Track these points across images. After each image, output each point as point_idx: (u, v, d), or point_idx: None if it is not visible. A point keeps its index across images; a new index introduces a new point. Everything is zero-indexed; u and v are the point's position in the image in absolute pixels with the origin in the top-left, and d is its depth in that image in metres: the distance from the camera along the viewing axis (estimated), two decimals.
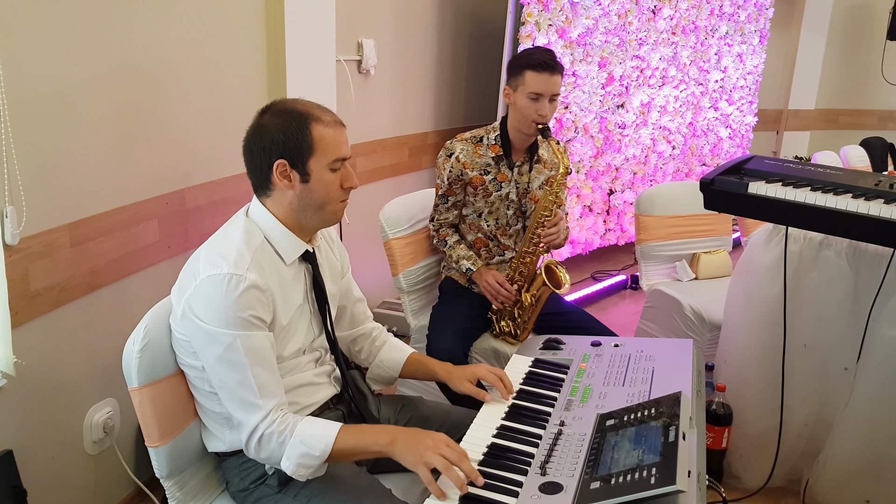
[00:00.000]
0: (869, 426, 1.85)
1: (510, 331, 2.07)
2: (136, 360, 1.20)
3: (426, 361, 1.51)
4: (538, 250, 2.02)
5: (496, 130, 2.07)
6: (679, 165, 4.20)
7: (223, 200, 2.11)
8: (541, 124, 1.95)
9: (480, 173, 2.05)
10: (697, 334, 2.43)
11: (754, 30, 4.41)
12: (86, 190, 1.65)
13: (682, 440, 1.04)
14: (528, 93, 1.94)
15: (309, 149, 1.22)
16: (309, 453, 1.16)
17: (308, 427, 1.18)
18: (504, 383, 1.37)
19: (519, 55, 2.01)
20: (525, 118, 1.97)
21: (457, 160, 2.04)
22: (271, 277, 1.22)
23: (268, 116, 1.24)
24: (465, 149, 2.05)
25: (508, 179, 2.06)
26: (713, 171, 1.73)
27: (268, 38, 2.24)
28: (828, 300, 1.90)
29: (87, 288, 1.68)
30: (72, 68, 1.57)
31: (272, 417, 1.18)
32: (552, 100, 1.96)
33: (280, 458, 1.17)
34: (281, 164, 1.22)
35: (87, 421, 1.72)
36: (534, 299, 2.02)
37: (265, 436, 1.17)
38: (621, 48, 3.49)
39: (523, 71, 1.94)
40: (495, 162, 2.06)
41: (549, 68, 1.92)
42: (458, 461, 1.10)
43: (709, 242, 2.77)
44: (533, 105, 1.94)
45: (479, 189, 2.06)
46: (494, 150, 2.05)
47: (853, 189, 1.57)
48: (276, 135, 1.21)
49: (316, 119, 1.22)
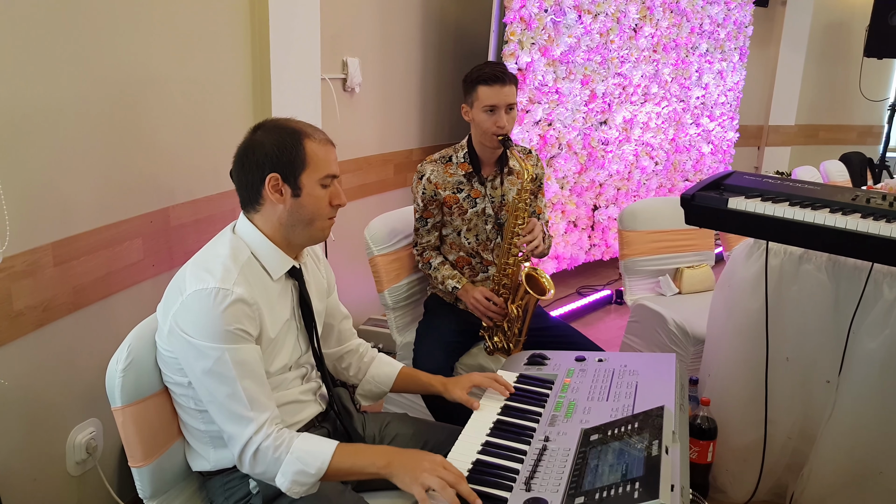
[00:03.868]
0: (852, 438, 1.87)
1: (503, 346, 2.07)
2: (119, 380, 1.19)
3: (418, 375, 1.54)
4: (518, 260, 2.02)
5: (464, 148, 2.10)
6: (662, 181, 4.26)
7: (208, 218, 2.11)
8: (500, 135, 1.97)
9: (453, 192, 2.07)
10: (681, 348, 2.45)
11: (734, 47, 4.50)
12: (70, 208, 1.64)
13: (665, 454, 1.05)
14: (482, 107, 1.97)
15: (301, 164, 1.24)
16: (305, 470, 1.16)
17: (305, 444, 1.19)
18: (500, 383, 1.42)
19: (469, 72, 2.03)
20: (485, 132, 1.99)
21: (428, 181, 2.06)
22: (258, 292, 1.22)
23: (260, 133, 1.26)
24: (434, 170, 2.07)
25: (482, 195, 2.08)
26: (694, 187, 1.76)
27: (253, 56, 2.25)
28: (809, 313, 1.92)
29: (70, 307, 1.67)
30: (55, 86, 1.58)
31: (267, 431, 1.17)
32: (508, 110, 1.98)
33: (275, 473, 1.17)
34: (273, 178, 1.23)
35: (70, 441, 1.70)
36: (520, 309, 2.03)
37: (261, 450, 1.17)
38: (603, 66, 3.55)
39: (476, 86, 1.98)
40: (467, 179, 2.08)
41: (500, 80, 1.95)
42: (455, 483, 1.10)
43: (692, 257, 2.81)
44: (490, 118, 1.97)
45: (454, 207, 2.08)
46: (464, 167, 2.08)
47: (830, 204, 1.60)
48: (270, 149, 1.23)
49: (308, 136, 1.25)
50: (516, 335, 2.05)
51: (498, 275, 2.05)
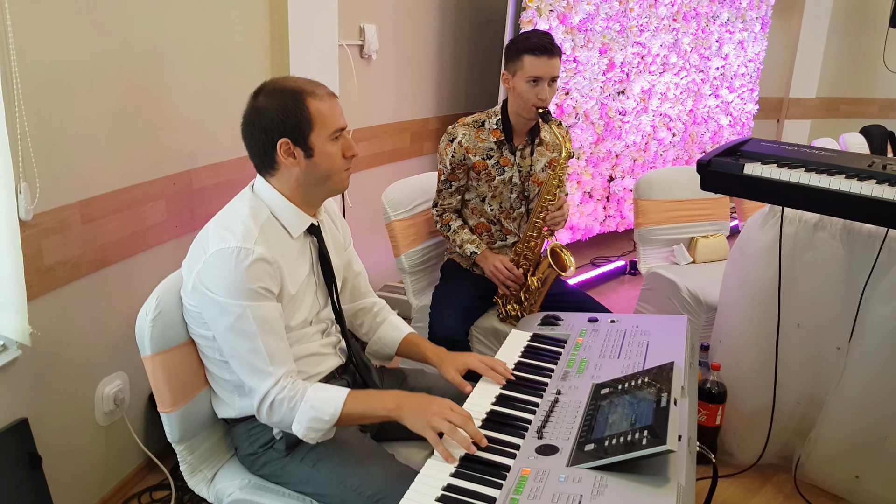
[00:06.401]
0: (860, 404, 1.89)
1: (516, 314, 2.10)
2: (148, 329, 1.24)
3: (420, 344, 1.51)
4: (542, 234, 2.04)
5: (497, 115, 2.08)
6: (679, 153, 4.23)
7: (228, 182, 2.15)
8: (541, 108, 1.97)
9: (483, 158, 2.06)
10: (694, 315, 2.47)
11: (756, 17, 4.42)
12: (96, 169, 1.69)
13: (674, 405, 1.09)
14: (526, 77, 1.94)
15: (308, 124, 1.24)
16: (319, 417, 1.21)
17: (317, 393, 1.23)
18: (496, 369, 1.37)
19: (515, 39, 2.00)
20: (525, 102, 1.98)
21: (459, 145, 2.05)
22: (278, 250, 1.26)
23: (262, 98, 1.26)
24: (467, 133, 2.06)
25: (511, 163, 2.08)
26: (710, 153, 1.77)
27: (271, 22, 2.27)
28: (821, 281, 1.94)
29: (97, 264, 1.73)
30: (82, 50, 1.61)
31: (283, 384, 1.22)
32: (551, 83, 1.96)
33: (291, 421, 1.22)
34: (284, 143, 1.24)
35: (99, 393, 1.78)
36: (540, 282, 2.05)
37: (276, 401, 1.21)
38: (622, 34, 3.51)
39: (521, 55, 1.95)
40: (497, 146, 2.07)
41: (548, 52, 1.93)
42: (463, 424, 1.14)
43: (707, 226, 2.81)
44: (532, 89, 1.95)
45: (482, 174, 2.08)
46: (496, 134, 2.07)
47: (846, 170, 1.60)
48: (275, 115, 1.23)
49: (310, 94, 1.25)
50: (531, 307, 2.08)
51: (521, 246, 2.05)
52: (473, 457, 1.11)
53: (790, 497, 1.99)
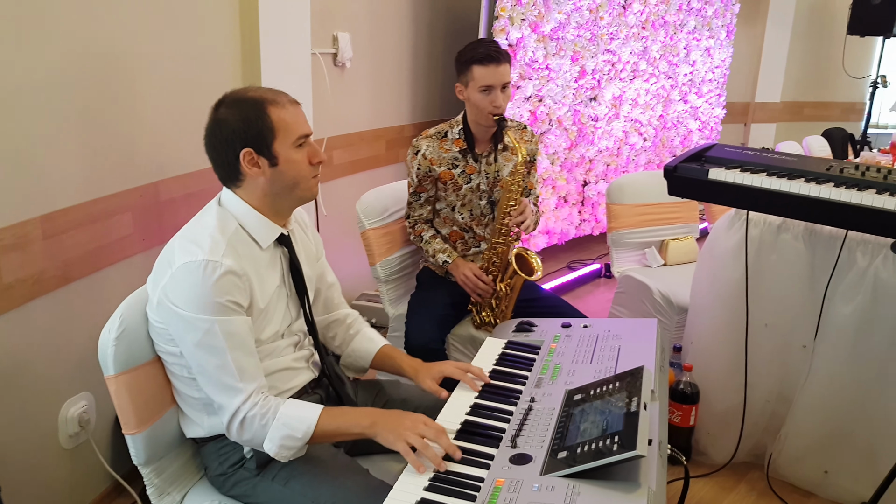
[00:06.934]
0: (826, 400, 1.93)
1: (490, 320, 2.11)
2: (111, 348, 1.21)
3: (395, 356, 1.49)
4: (508, 239, 2.05)
5: (459, 124, 2.10)
6: (651, 157, 4.29)
7: (198, 193, 2.12)
8: (496, 115, 1.98)
9: (448, 168, 2.08)
10: (666, 317, 2.50)
11: (721, 25, 4.51)
12: (58, 182, 1.65)
13: (644, 410, 1.09)
14: (478, 87, 1.97)
15: (271, 133, 1.23)
16: (291, 435, 1.19)
17: (290, 409, 1.21)
18: (473, 373, 1.37)
19: (462, 51, 2.01)
20: (481, 111, 2.00)
21: (423, 157, 2.07)
22: (247, 262, 1.24)
23: (223, 109, 1.25)
24: (430, 145, 2.08)
25: (477, 171, 2.10)
26: (676, 159, 1.79)
27: (242, 30, 2.24)
28: (787, 281, 1.98)
29: (60, 280, 1.68)
30: (43, 60, 1.57)
31: (254, 400, 1.20)
32: (504, 89, 1.98)
33: (263, 439, 1.20)
34: (248, 153, 1.23)
35: (63, 415, 1.72)
36: (508, 288, 2.06)
37: (247, 418, 1.19)
38: (593, 42, 3.56)
39: (470, 66, 1.97)
40: (462, 155, 2.09)
41: (495, 59, 1.94)
42: (435, 438, 1.14)
43: (677, 229, 2.85)
44: (486, 98, 1.97)
45: (448, 183, 2.09)
46: (459, 144, 2.09)
47: (806, 174, 1.63)
48: (236, 125, 1.22)
49: (271, 102, 1.24)
50: (503, 311, 2.09)
51: (489, 252, 2.07)
52: (448, 469, 1.10)
53: (763, 494, 2.02)
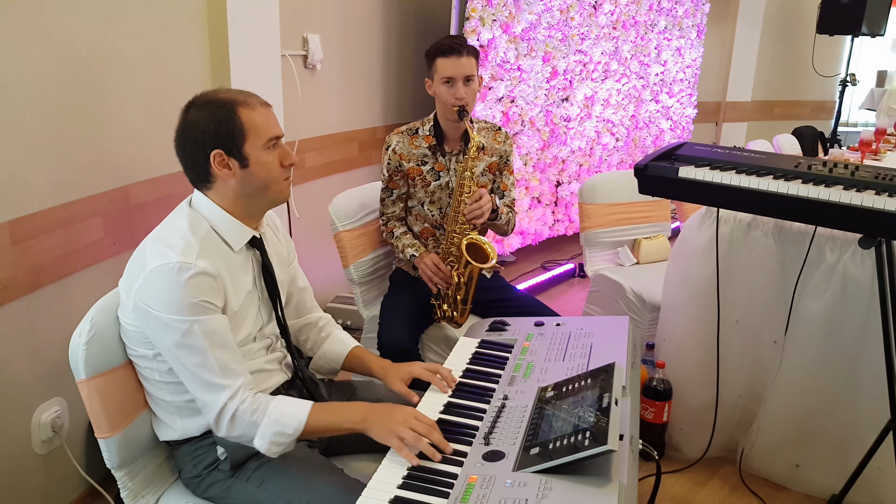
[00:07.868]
0: (797, 395, 1.98)
1: (450, 314, 2.09)
2: (82, 352, 1.20)
3: (365, 357, 1.50)
4: (464, 229, 2.04)
5: (430, 122, 2.14)
6: (623, 157, 4.34)
7: (168, 197, 2.10)
8: (458, 107, 2.00)
9: (417, 164, 2.11)
10: (639, 315, 2.54)
11: (692, 24, 4.58)
12: (25, 187, 1.62)
13: (615, 406, 1.11)
14: (441, 79, 2.01)
15: (241, 134, 1.23)
16: (282, 431, 1.20)
17: (281, 406, 1.22)
18: (442, 375, 1.38)
19: (430, 47, 2.06)
20: (445, 104, 2.03)
21: (393, 152, 2.10)
22: (220, 265, 1.24)
23: (193, 111, 1.24)
24: (400, 141, 2.11)
25: (446, 168, 2.12)
26: (646, 158, 1.82)
27: (210, 32, 2.23)
28: (757, 278, 2.02)
29: (29, 286, 1.66)
30: (7, 62, 1.55)
31: (242, 396, 1.20)
32: (467, 82, 2.01)
33: (253, 436, 1.20)
34: (218, 155, 1.23)
35: (35, 420, 1.70)
36: (461, 277, 2.04)
37: (238, 414, 1.19)
38: (564, 43, 3.59)
39: (434, 59, 2.02)
40: (431, 152, 2.12)
41: (456, 51, 1.99)
42: (426, 433, 1.15)
43: (649, 228, 2.89)
44: (449, 90, 2.01)
45: (417, 179, 2.12)
46: (428, 140, 2.12)
47: (774, 171, 1.67)
48: (206, 127, 1.22)
49: (241, 104, 1.24)
50: (461, 304, 2.08)
51: (446, 242, 2.07)
52: (421, 466, 1.11)
53: (736, 488, 2.06)
